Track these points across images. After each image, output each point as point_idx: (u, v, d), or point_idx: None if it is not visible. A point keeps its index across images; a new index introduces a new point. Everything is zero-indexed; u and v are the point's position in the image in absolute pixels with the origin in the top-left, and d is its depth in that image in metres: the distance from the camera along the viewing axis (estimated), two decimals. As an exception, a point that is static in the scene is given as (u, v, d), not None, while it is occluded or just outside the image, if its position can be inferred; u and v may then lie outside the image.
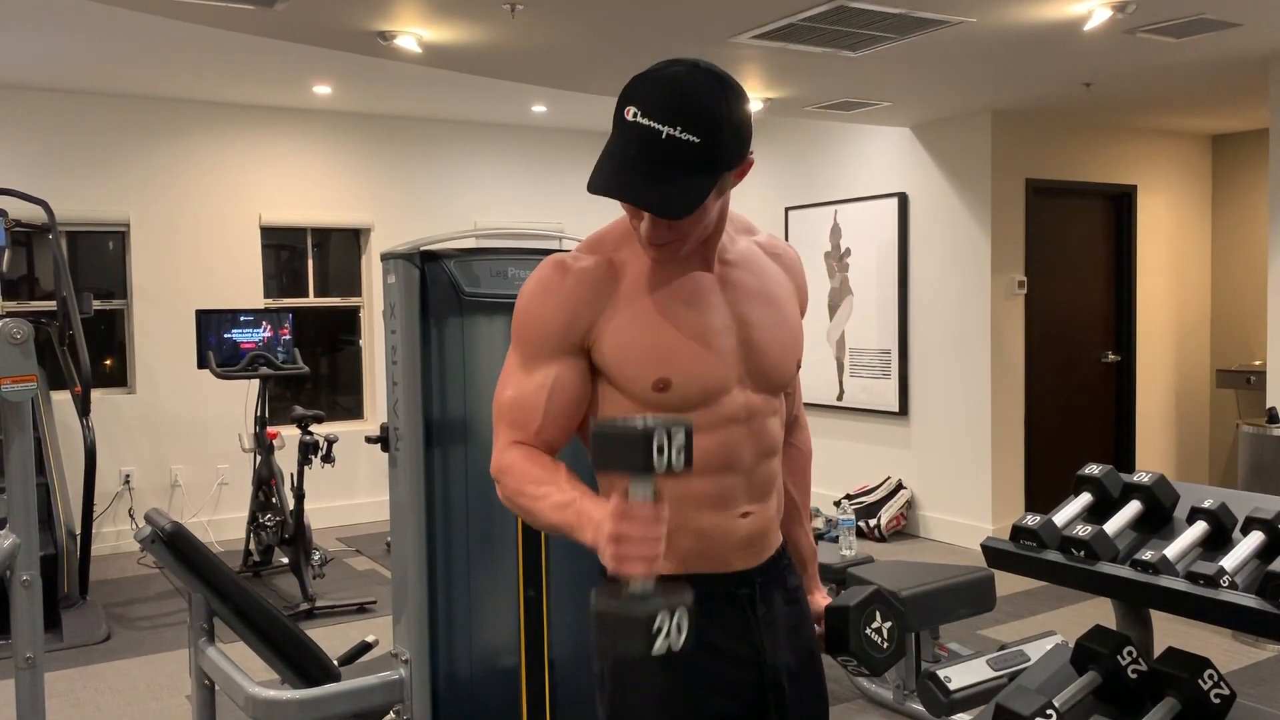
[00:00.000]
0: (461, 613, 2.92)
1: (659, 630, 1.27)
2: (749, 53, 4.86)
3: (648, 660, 1.32)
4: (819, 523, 5.47)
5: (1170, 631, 2.91)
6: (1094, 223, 7.09)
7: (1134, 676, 1.67)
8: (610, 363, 1.55)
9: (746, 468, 1.61)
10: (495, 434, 1.60)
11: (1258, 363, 6.89)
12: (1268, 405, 5.27)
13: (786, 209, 7.64)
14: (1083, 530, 1.80)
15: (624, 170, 1.43)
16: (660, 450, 1.28)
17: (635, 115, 1.41)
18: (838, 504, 6.91)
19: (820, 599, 1.80)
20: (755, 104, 6.24)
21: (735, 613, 1.61)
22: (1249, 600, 1.56)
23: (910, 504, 6.88)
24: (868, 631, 1.65)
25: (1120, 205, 7.14)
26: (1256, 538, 1.70)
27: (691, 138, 1.40)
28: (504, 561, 2.95)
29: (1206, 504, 1.77)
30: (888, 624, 1.65)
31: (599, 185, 1.45)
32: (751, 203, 7.60)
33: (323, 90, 6.61)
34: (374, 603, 5.37)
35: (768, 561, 1.66)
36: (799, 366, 1.71)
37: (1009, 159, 6.47)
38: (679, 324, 1.55)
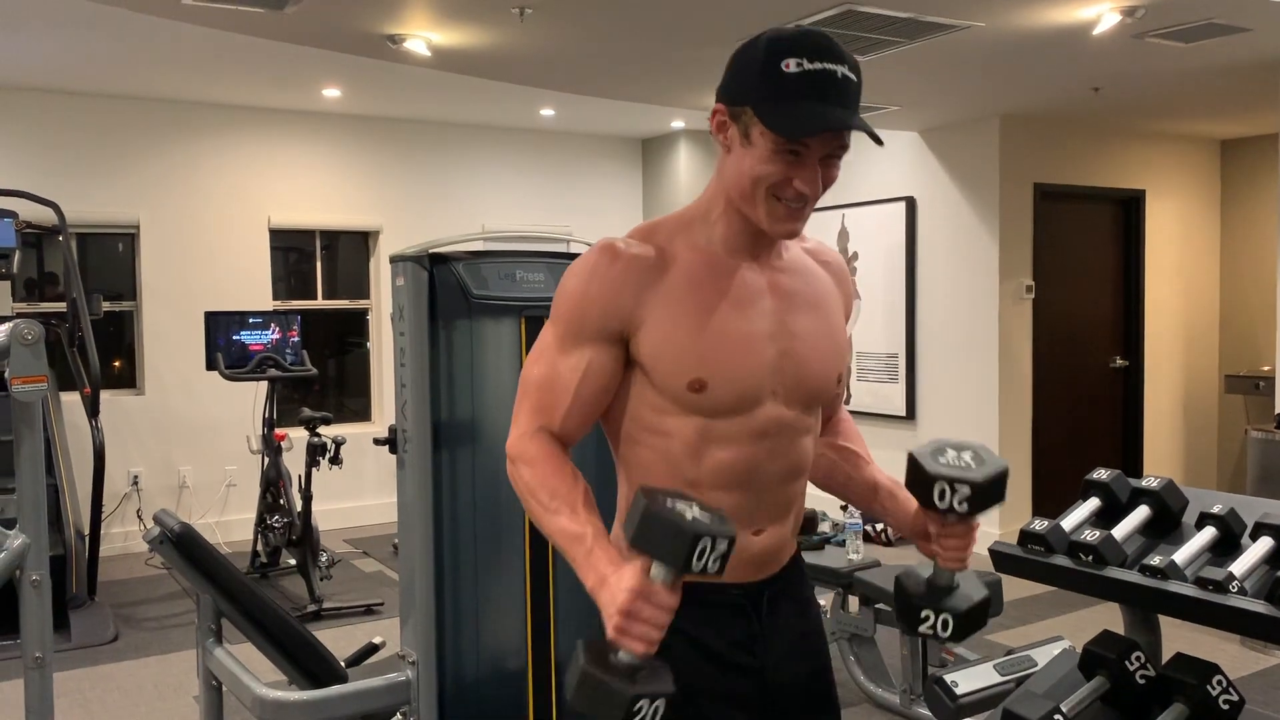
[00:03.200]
0: (469, 615, 2.92)
1: (637, 712, 1.27)
2: (757, 57, 4.86)
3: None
4: (825, 527, 5.45)
5: (1178, 637, 2.89)
6: (1102, 227, 7.07)
7: (1142, 682, 1.66)
8: (647, 356, 1.50)
9: (767, 486, 1.56)
10: (517, 410, 1.56)
11: (1266, 368, 6.87)
12: (1277, 411, 5.25)
13: (794, 213, 7.63)
14: (1090, 535, 1.79)
15: (815, 111, 1.41)
16: (701, 554, 1.26)
17: (802, 65, 1.41)
18: (844, 508, 6.90)
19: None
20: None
21: (739, 623, 1.58)
22: (1258, 606, 1.56)
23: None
24: (940, 464, 1.46)
25: (1129, 210, 7.12)
26: (1266, 543, 1.69)
27: (853, 78, 1.44)
28: (511, 563, 2.95)
29: (1215, 509, 1.77)
30: (966, 452, 1.48)
31: (807, 126, 1.40)
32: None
33: (332, 93, 6.63)
34: (381, 604, 5.38)
35: (779, 572, 1.63)
36: (840, 380, 1.65)
37: (1017, 163, 6.46)
38: (722, 325, 1.51)
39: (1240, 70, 5.23)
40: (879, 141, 1.44)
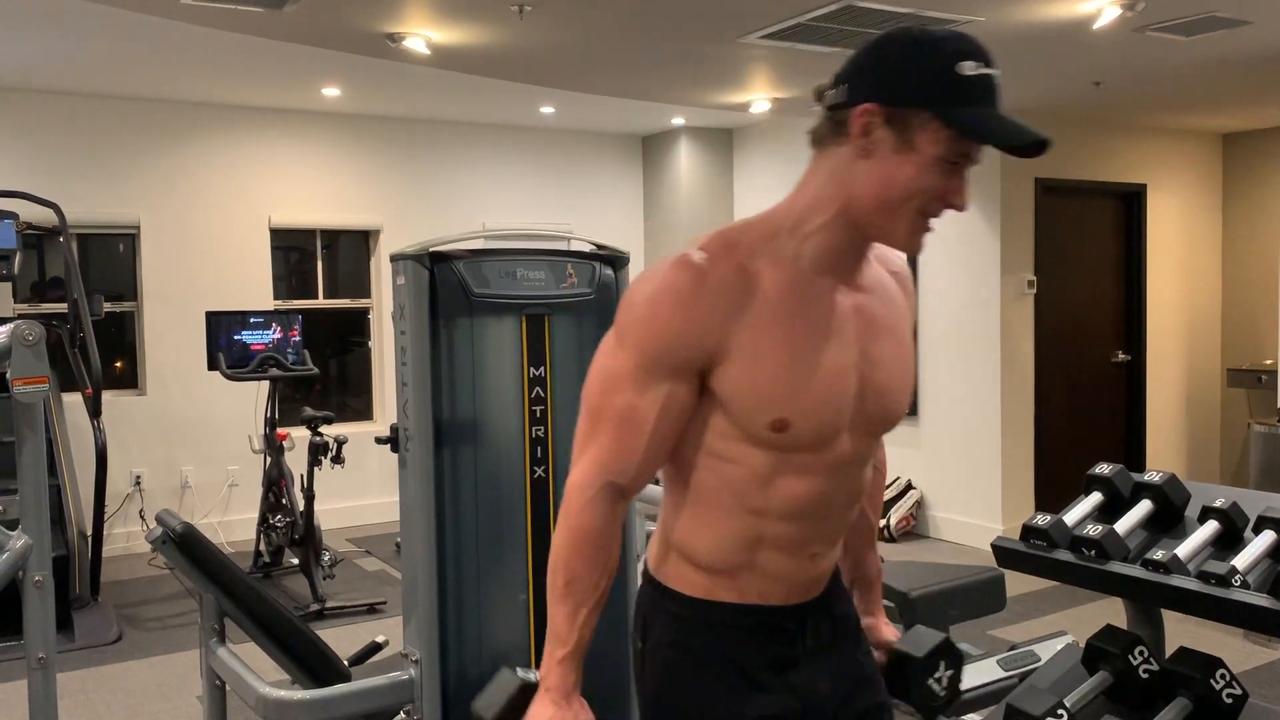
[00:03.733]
0: (471, 613, 2.92)
1: None
2: (757, 53, 4.86)
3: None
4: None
5: (1182, 631, 2.89)
6: (1104, 222, 7.07)
7: (1145, 676, 1.66)
8: (728, 391, 1.39)
9: (831, 514, 1.51)
10: (586, 440, 1.44)
11: (1269, 362, 6.86)
12: (1279, 404, 5.25)
13: (795, 209, 7.63)
14: (1093, 530, 1.79)
15: (1000, 117, 1.39)
16: None
17: (978, 68, 1.38)
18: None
19: (884, 629, 1.71)
20: (763, 104, 6.24)
21: (779, 646, 1.52)
22: (1261, 600, 1.56)
23: (920, 504, 6.87)
24: (929, 682, 1.58)
25: (1130, 204, 7.11)
26: (1268, 537, 1.69)
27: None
28: (514, 561, 2.95)
29: (1218, 503, 1.77)
30: (949, 673, 1.57)
31: (1017, 135, 1.37)
32: (761, 203, 7.59)
33: (332, 92, 6.63)
34: (384, 603, 5.38)
35: (821, 592, 1.57)
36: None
37: (1018, 159, 6.44)
38: (809, 357, 1.40)
39: (1241, 63, 5.22)
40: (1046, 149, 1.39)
